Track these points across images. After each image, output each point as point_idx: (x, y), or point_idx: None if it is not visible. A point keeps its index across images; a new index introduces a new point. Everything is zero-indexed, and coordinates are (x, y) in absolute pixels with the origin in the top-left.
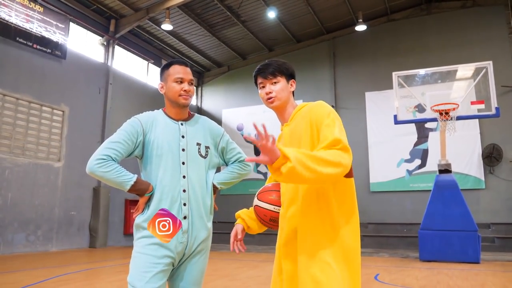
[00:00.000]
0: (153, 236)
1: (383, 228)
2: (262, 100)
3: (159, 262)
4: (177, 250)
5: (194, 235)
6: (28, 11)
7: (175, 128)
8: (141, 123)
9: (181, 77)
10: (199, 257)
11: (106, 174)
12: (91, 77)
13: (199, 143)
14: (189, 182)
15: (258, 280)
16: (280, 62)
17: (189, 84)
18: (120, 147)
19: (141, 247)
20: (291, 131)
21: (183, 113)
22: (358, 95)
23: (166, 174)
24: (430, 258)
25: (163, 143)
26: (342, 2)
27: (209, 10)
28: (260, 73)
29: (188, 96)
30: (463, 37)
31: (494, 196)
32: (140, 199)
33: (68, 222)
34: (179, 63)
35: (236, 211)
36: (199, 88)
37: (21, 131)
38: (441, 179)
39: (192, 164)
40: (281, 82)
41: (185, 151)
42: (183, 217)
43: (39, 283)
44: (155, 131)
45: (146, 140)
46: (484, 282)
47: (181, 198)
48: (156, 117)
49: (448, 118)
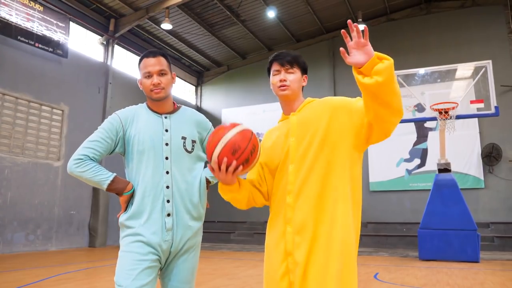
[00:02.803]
0: (137, 233)
1: (383, 228)
2: (273, 87)
3: (145, 259)
4: (162, 249)
5: (180, 233)
6: (29, 10)
7: (158, 122)
8: (120, 119)
9: (148, 71)
10: (187, 255)
11: (83, 174)
12: (90, 77)
13: (185, 137)
14: (173, 178)
15: (258, 279)
16: (298, 54)
17: (159, 75)
18: (98, 145)
19: (125, 245)
20: (300, 119)
21: (166, 106)
22: (358, 94)
23: (148, 170)
24: (430, 257)
25: (144, 138)
26: (341, 2)
27: (209, 9)
28: (277, 59)
29: (159, 89)
30: (462, 37)
31: (494, 195)
32: (120, 198)
33: (68, 221)
34: (147, 55)
35: (236, 211)
36: (198, 87)
37: (21, 130)
38: (440, 178)
39: (177, 159)
40: (296, 74)
41: (169, 146)
42: (167, 215)
43: (39, 282)
44: (136, 126)
45: (126, 136)
46: (484, 281)
47: (164, 194)
48: (138, 112)
49: (448, 117)
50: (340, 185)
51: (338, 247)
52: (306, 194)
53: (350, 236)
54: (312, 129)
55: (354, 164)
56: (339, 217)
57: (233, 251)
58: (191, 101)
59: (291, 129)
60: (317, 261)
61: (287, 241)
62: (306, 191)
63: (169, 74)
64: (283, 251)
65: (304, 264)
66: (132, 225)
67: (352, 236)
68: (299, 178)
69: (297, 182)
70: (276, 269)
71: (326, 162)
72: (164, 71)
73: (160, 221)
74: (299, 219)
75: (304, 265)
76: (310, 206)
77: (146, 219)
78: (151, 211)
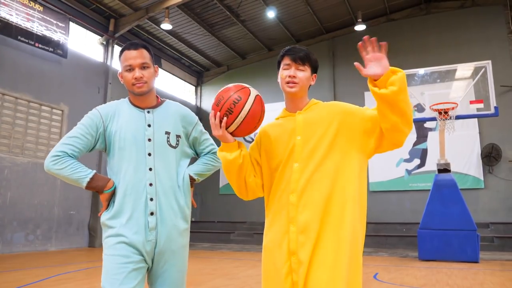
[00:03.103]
0: (119, 234)
1: (382, 228)
2: (281, 81)
3: (129, 261)
4: (146, 249)
5: (164, 233)
6: (28, 10)
7: (141, 117)
8: (100, 115)
9: (129, 64)
10: (174, 258)
11: (61, 171)
12: (90, 77)
13: (168, 132)
14: (157, 175)
15: (257, 279)
16: (310, 51)
17: (141, 69)
18: (77, 142)
19: (108, 247)
20: (307, 119)
21: (149, 101)
22: (357, 94)
23: (129, 167)
24: (429, 257)
25: (126, 134)
26: (341, 2)
27: (209, 9)
28: (290, 54)
29: (141, 83)
30: (462, 37)
31: (493, 195)
32: (100, 196)
33: (67, 221)
34: (128, 47)
35: (236, 211)
36: (198, 87)
37: (20, 131)
38: (440, 178)
39: (160, 155)
40: (306, 71)
41: (152, 141)
42: (150, 213)
43: (38, 282)
44: (118, 121)
45: (107, 132)
46: (483, 281)
47: (147, 192)
48: (120, 107)
49: (447, 118)
50: (349, 188)
51: (346, 248)
52: (312, 193)
53: (358, 239)
54: (320, 130)
55: (362, 168)
56: (348, 219)
57: (233, 251)
58: (191, 101)
59: (297, 128)
60: (323, 261)
61: (290, 240)
62: (311, 191)
63: (152, 67)
64: (286, 251)
65: (308, 263)
66: (114, 225)
67: (359, 239)
68: (304, 177)
69: (302, 180)
70: (279, 269)
71: (335, 165)
72: (146, 64)
73: (142, 220)
74: (304, 218)
75: (308, 265)
76: (316, 206)
77: (128, 218)
78: (133, 210)
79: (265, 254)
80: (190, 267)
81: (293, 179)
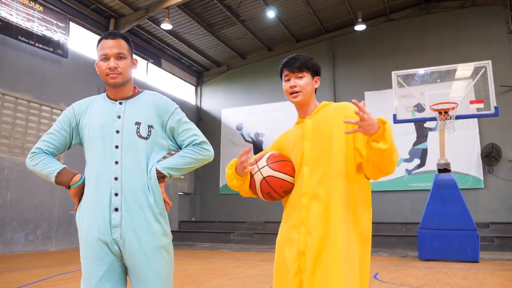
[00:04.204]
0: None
1: (383, 228)
2: (285, 93)
3: (101, 263)
4: (114, 248)
5: (131, 231)
6: (29, 10)
7: (111, 109)
8: (73, 109)
9: (105, 53)
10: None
11: (34, 167)
12: (90, 77)
13: (139, 122)
14: (123, 168)
15: (257, 279)
16: (307, 58)
17: (117, 59)
18: (52, 138)
19: (81, 250)
20: (315, 124)
21: (123, 92)
22: (357, 94)
23: (95, 161)
24: (429, 257)
25: (95, 126)
26: (341, 2)
27: (209, 9)
28: (286, 66)
29: (115, 74)
30: (462, 37)
31: (493, 195)
32: (69, 192)
33: (67, 221)
34: (106, 36)
35: (236, 211)
36: (198, 87)
37: (21, 131)
38: (440, 178)
39: (128, 147)
40: (306, 77)
41: (120, 133)
42: (114, 209)
43: (38, 282)
44: (89, 115)
45: (79, 126)
46: (483, 281)
47: (111, 187)
48: (95, 100)
49: (447, 118)
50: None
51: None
52: (319, 196)
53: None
54: (326, 134)
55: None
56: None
57: (233, 251)
58: (191, 101)
59: (306, 133)
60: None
61: (300, 241)
62: (319, 194)
63: (129, 58)
64: (296, 251)
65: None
66: (81, 223)
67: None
68: (313, 180)
69: (311, 184)
70: (289, 268)
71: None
72: (123, 55)
73: (106, 216)
74: (311, 220)
75: (313, 267)
76: (321, 209)
77: (92, 214)
78: (97, 206)
79: (277, 250)
80: (190, 267)
81: (304, 182)
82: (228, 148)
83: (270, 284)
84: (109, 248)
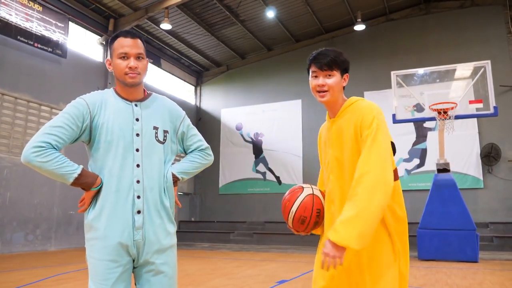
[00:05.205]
0: (105, 235)
1: None
2: (312, 90)
3: (118, 265)
4: (132, 250)
5: (151, 232)
6: (28, 10)
7: (128, 110)
8: (87, 104)
9: (125, 51)
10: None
11: (45, 165)
12: (90, 77)
13: (156, 127)
14: (144, 171)
15: (257, 279)
16: (337, 53)
17: (136, 59)
18: (62, 132)
19: (95, 251)
20: (337, 129)
21: (137, 93)
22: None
23: (116, 163)
24: (429, 257)
25: (113, 127)
26: (341, 2)
27: (208, 9)
28: (315, 62)
29: (135, 73)
30: (461, 37)
31: (493, 195)
32: (86, 193)
33: (67, 221)
34: (125, 35)
35: (235, 210)
36: (198, 87)
37: (20, 130)
38: (439, 178)
39: (148, 151)
40: (335, 76)
41: (140, 136)
42: (137, 212)
43: (38, 282)
44: (105, 113)
45: (94, 123)
46: (483, 281)
47: (134, 190)
48: (106, 97)
49: (447, 117)
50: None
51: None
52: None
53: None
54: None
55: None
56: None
57: (232, 251)
58: (191, 101)
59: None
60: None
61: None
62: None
63: (145, 59)
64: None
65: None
66: (99, 225)
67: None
68: (337, 188)
69: (337, 192)
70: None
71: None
72: (141, 55)
73: (129, 219)
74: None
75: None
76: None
77: (114, 217)
78: (119, 208)
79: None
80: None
81: (331, 190)
82: (228, 148)
83: (269, 284)
84: (127, 250)
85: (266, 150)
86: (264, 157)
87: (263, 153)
